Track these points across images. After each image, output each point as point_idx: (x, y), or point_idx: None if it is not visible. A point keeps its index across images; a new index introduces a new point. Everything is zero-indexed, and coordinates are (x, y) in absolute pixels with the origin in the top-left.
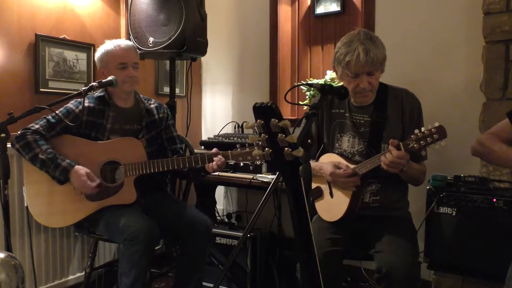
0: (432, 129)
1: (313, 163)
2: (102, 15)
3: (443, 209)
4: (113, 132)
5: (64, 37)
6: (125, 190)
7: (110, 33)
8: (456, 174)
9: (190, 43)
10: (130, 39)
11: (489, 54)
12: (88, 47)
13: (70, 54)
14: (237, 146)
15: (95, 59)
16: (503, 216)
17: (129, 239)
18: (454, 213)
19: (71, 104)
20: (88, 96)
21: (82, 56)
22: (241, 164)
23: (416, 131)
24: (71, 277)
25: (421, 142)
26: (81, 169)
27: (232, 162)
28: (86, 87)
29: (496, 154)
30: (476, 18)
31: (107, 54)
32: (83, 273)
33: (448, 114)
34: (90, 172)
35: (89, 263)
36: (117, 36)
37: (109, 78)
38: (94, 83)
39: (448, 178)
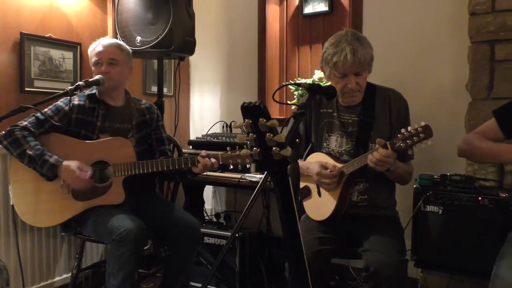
0: (419, 129)
1: (300, 163)
2: (89, 14)
3: (429, 208)
4: (103, 130)
5: (50, 35)
6: (113, 190)
7: (97, 32)
8: (442, 173)
9: (178, 43)
10: (117, 38)
11: (474, 55)
12: (74, 46)
13: (56, 53)
14: (228, 148)
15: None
16: (488, 214)
17: (117, 240)
18: (440, 212)
19: (60, 102)
20: (78, 94)
21: (69, 55)
22: (231, 166)
23: (403, 130)
24: (57, 278)
25: (408, 141)
26: (71, 163)
27: (221, 163)
28: (73, 87)
29: (485, 150)
30: (462, 18)
31: (90, 53)
32: (69, 274)
33: (435, 114)
34: (80, 164)
35: (76, 264)
36: (104, 35)
37: (96, 77)
38: (80, 82)
39: (435, 177)
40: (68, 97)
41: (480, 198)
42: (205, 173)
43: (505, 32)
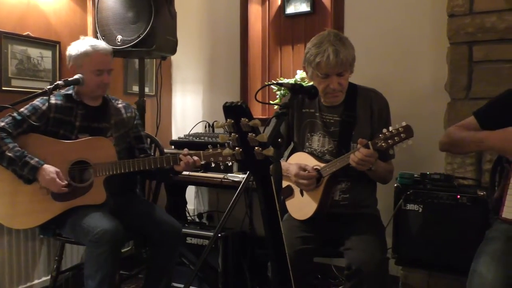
0: (400, 129)
1: (281, 163)
2: (68, 12)
3: (410, 206)
4: (81, 130)
5: (27, 34)
6: (94, 191)
7: (76, 30)
8: (422, 172)
9: (160, 42)
10: (97, 37)
11: (453, 55)
12: (53, 45)
13: (34, 52)
14: (209, 146)
15: (68, 56)
16: (467, 212)
17: (94, 240)
18: (420, 210)
19: (37, 102)
20: (54, 94)
21: (47, 53)
22: (212, 164)
23: (384, 130)
24: (36, 281)
25: (389, 141)
26: (50, 167)
27: (203, 162)
28: (51, 86)
29: (466, 139)
30: (442, 20)
31: (86, 57)
32: (49, 277)
33: (415, 114)
34: (59, 172)
35: (55, 266)
36: (84, 33)
37: (76, 76)
38: (59, 82)
39: (415, 175)
40: (45, 97)
41: (458, 196)
42: (187, 173)
43: (483, 34)
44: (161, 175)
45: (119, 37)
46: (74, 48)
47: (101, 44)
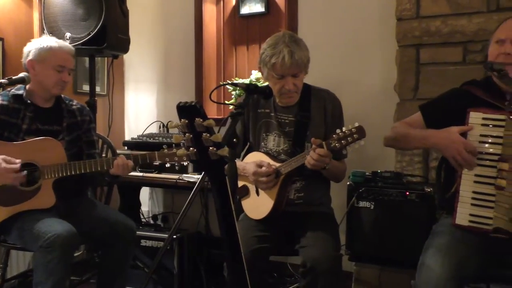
0: (352, 129)
1: (237, 162)
2: (13, 8)
3: (362, 204)
4: (29, 133)
5: None
6: (42, 194)
7: (21, 27)
8: (373, 170)
9: (111, 40)
10: (44, 34)
11: (402, 57)
12: None
13: None
14: (164, 146)
15: (27, 51)
16: (415, 208)
17: (44, 246)
18: (372, 207)
19: None
20: (1, 93)
21: None
22: (167, 164)
23: (338, 131)
24: None
25: (342, 141)
26: None
27: (157, 162)
28: None
29: (411, 135)
30: (391, 23)
31: (49, 51)
32: None
33: (366, 114)
34: (4, 156)
35: (0, 274)
36: (30, 30)
37: (21, 75)
38: (3, 80)
39: (367, 174)
40: None
41: (407, 193)
42: (141, 174)
43: (429, 37)
44: (99, 180)
45: (68, 34)
46: (37, 43)
47: (66, 43)
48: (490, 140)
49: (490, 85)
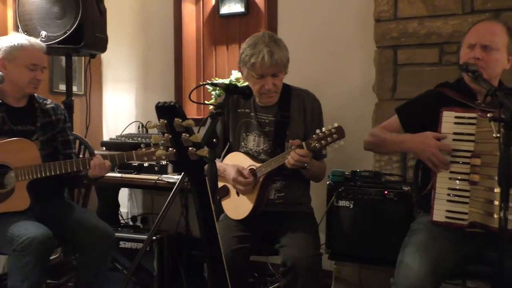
0: (332, 129)
1: (218, 164)
2: None
3: (342, 203)
4: (1, 133)
5: None
6: (16, 196)
7: None
8: (353, 170)
9: (88, 39)
10: (18, 32)
11: (380, 58)
12: None
13: None
14: (142, 146)
15: None
16: (393, 207)
17: (19, 249)
18: (351, 206)
19: None
20: None
21: None
22: (146, 164)
23: (318, 131)
24: None
25: (322, 141)
26: None
27: (136, 163)
28: None
29: (388, 140)
30: (370, 24)
31: (20, 49)
32: None
33: (346, 114)
34: None
35: None
36: (4, 29)
37: None
38: None
39: (346, 173)
40: None
41: (386, 192)
42: (119, 175)
43: (406, 38)
44: (77, 181)
45: (44, 33)
46: (7, 41)
47: (37, 40)
48: (462, 138)
49: (461, 86)
